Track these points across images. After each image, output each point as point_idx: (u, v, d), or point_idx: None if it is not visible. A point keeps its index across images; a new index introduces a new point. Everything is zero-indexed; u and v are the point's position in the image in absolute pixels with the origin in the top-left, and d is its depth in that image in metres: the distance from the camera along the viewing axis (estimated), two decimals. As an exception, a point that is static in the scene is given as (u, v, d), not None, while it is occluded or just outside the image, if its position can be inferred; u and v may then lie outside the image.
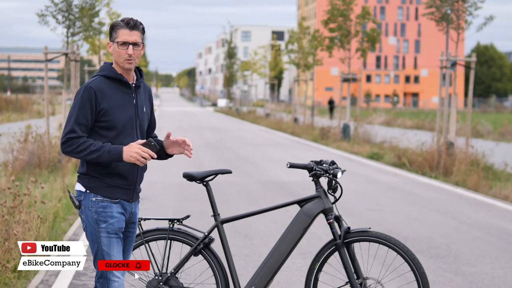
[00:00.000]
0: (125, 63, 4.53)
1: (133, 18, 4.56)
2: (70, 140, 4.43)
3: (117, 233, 4.56)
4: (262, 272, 5.30)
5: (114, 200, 4.56)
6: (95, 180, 4.54)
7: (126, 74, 4.59)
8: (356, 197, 13.40)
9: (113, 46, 4.55)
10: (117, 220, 4.56)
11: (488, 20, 20.16)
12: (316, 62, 41.99)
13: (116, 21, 4.54)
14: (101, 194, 4.53)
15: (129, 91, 4.59)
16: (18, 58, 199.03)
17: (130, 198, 4.63)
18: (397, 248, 5.19)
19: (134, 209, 4.71)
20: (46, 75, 16.94)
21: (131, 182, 4.60)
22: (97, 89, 4.47)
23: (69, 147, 4.44)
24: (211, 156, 21.88)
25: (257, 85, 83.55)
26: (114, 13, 31.89)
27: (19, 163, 14.99)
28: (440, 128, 18.69)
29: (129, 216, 4.68)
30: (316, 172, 5.33)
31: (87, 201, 4.55)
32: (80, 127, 4.44)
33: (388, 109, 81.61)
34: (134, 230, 4.78)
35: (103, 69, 4.57)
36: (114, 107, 4.49)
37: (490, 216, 11.76)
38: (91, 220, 4.54)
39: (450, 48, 75.49)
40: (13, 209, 8.08)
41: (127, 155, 4.43)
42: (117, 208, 4.56)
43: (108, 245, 4.54)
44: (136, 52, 4.53)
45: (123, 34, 4.51)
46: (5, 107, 48.89)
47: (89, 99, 4.45)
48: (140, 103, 4.64)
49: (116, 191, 4.55)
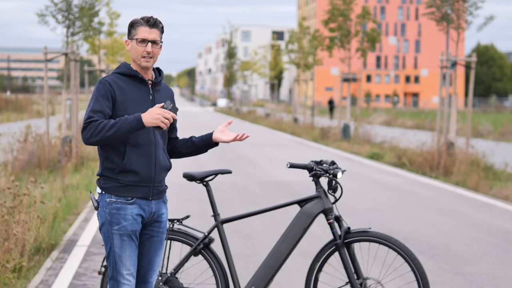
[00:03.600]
0: (142, 60, 4.49)
1: (153, 16, 4.53)
2: (90, 124, 4.34)
3: (130, 236, 4.48)
4: (262, 272, 5.29)
5: (129, 201, 4.47)
6: (110, 180, 4.48)
7: (143, 72, 4.54)
8: (356, 197, 13.40)
9: (131, 44, 4.51)
10: (130, 223, 4.47)
11: (488, 20, 20.17)
12: (316, 62, 42.01)
13: (135, 19, 4.52)
14: (116, 195, 4.47)
15: (146, 87, 4.55)
16: (18, 58, 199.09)
17: (148, 196, 4.51)
18: (397, 248, 5.19)
19: (156, 208, 4.58)
20: (46, 75, 16.94)
21: (147, 178, 4.49)
22: (112, 82, 4.45)
23: (88, 132, 4.33)
24: (211, 156, 21.88)
25: (257, 85, 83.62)
26: (113, 13, 31.90)
27: (19, 163, 14.99)
28: (440, 128, 18.69)
29: (150, 216, 4.56)
30: (316, 172, 5.32)
31: (102, 202, 4.51)
32: (97, 114, 4.36)
33: (388, 109, 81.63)
34: (159, 230, 4.65)
35: (119, 67, 4.55)
36: (129, 102, 4.46)
37: (490, 216, 11.75)
38: (105, 221, 4.49)
39: (450, 48, 75.53)
40: (13, 209, 8.08)
41: (149, 118, 4.31)
42: (132, 210, 4.48)
43: (120, 247, 4.48)
44: (154, 50, 4.49)
45: (142, 32, 4.48)
46: (5, 107, 48.92)
47: (105, 90, 4.41)
48: (160, 101, 4.57)
49: (131, 189, 4.47)
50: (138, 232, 4.52)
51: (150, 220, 4.59)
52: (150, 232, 4.62)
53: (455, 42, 18.92)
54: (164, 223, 4.68)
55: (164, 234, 4.69)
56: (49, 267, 7.83)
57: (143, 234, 4.62)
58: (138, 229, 4.51)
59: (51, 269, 7.78)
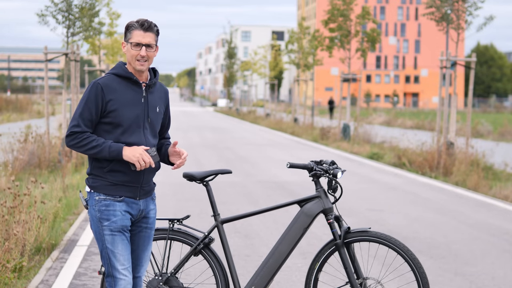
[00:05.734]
0: (137, 64, 4.56)
1: (147, 19, 4.58)
2: (74, 134, 4.51)
3: (120, 231, 4.58)
4: (262, 272, 5.30)
5: (117, 198, 4.58)
6: (98, 179, 4.59)
7: (138, 74, 4.62)
8: (356, 197, 13.40)
9: (126, 47, 4.58)
10: (120, 218, 4.57)
11: (488, 20, 20.17)
12: (316, 62, 41.99)
13: (130, 22, 4.58)
14: (104, 193, 4.57)
15: (139, 90, 4.62)
16: (18, 58, 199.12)
17: (135, 195, 4.63)
18: (397, 248, 5.19)
19: (144, 206, 4.70)
20: (46, 75, 16.94)
21: (135, 179, 4.60)
22: (104, 85, 4.52)
23: (72, 141, 4.52)
24: (211, 156, 21.88)
25: (257, 85, 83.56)
26: (114, 13, 31.89)
27: (19, 163, 15.00)
28: (440, 128, 18.69)
29: (138, 213, 4.68)
30: (316, 172, 5.33)
31: (91, 200, 4.62)
32: (85, 122, 4.51)
33: (388, 109, 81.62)
34: (147, 226, 4.76)
35: (115, 67, 4.62)
36: (121, 104, 4.53)
37: (490, 216, 11.76)
38: (95, 219, 4.59)
39: (450, 48, 75.50)
40: (13, 209, 8.08)
41: (129, 154, 4.48)
42: (120, 207, 4.58)
43: (112, 243, 4.56)
44: (149, 53, 4.56)
45: (136, 35, 4.55)
46: (5, 107, 48.91)
47: (95, 94, 4.51)
48: (152, 103, 4.66)
49: (118, 188, 4.57)
50: (128, 227, 4.62)
51: (138, 217, 4.71)
52: (138, 228, 4.74)
53: (455, 42, 18.92)
54: (152, 218, 4.78)
55: (152, 230, 4.80)
56: (49, 267, 7.84)
57: (131, 230, 4.73)
58: (128, 224, 4.61)
59: (51, 269, 7.78)
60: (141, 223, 4.74)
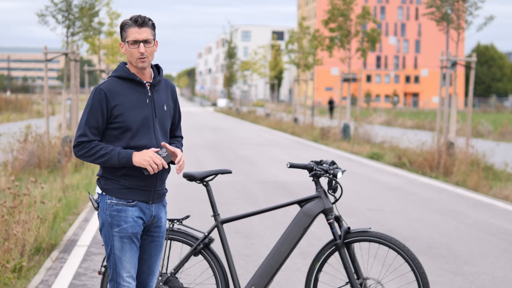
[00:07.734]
0: (138, 62, 4.41)
1: (141, 15, 4.44)
2: (81, 144, 4.38)
3: (131, 238, 4.44)
4: (262, 272, 5.29)
5: (130, 203, 4.44)
6: (110, 182, 4.45)
7: (141, 73, 4.47)
8: (356, 197, 13.40)
9: (124, 46, 4.44)
10: (131, 225, 4.43)
11: (488, 20, 20.17)
12: (316, 62, 42.00)
13: (124, 21, 4.44)
14: (117, 196, 4.43)
15: (144, 90, 4.47)
16: (18, 58, 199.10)
17: (149, 199, 4.48)
18: (397, 248, 5.18)
19: (156, 212, 4.56)
20: (46, 75, 16.93)
21: (148, 183, 4.46)
22: (107, 90, 4.39)
23: (80, 151, 4.39)
24: (211, 156, 21.88)
25: (257, 85, 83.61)
26: (114, 13, 31.92)
27: (19, 163, 15.00)
28: (440, 128, 18.69)
29: (150, 219, 4.54)
30: (316, 172, 5.32)
31: (103, 203, 4.47)
32: (91, 130, 4.38)
33: (388, 109, 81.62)
34: (159, 235, 4.62)
35: (117, 69, 4.48)
36: (127, 108, 4.39)
37: (490, 216, 11.75)
38: (106, 223, 4.45)
39: (450, 48, 75.51)
40: (13, 209, 8.08)
41: (139, 159, 4.34)
42: (133, 212, 4.44)
43: (120, 250, 4.44)
44: (148, 49, 4.41)
45: (132, 33, 4.40)
46: (5, 107, 48.90)
47: (99, 101, 4.37)
48: (159, 101, 4.52)
49: (132, 192, 4.44)
50: (139, 234, 4.49)
51: (150, 223, 4.57)
52: (150, 237, 4.60)
53: (455, 42, 18.91)
54: (163, 227, 4.66)
55: (163, 238, 4.68)
56: (49, 267, 7.83)
57: (143, 239, 4.59)
58: (139, 231, 4.48)
59: (51, 269, 7.77)
60: (154, 232, 4.59)
